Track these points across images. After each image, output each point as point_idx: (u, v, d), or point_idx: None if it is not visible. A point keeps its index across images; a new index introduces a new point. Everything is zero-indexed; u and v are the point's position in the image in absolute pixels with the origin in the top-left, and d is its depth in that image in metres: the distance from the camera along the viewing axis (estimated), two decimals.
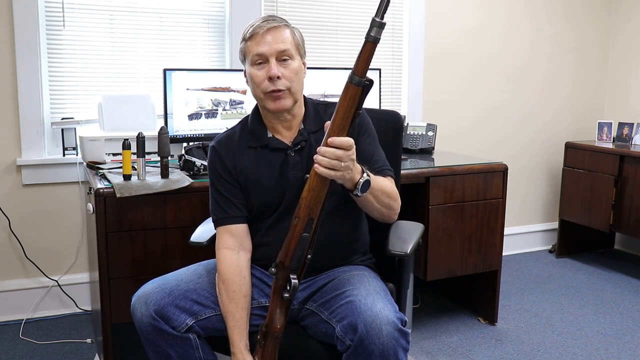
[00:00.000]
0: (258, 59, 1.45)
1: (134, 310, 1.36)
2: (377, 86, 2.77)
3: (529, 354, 2.38)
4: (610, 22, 3.83)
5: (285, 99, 1.46)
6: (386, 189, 1.44)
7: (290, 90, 1.46)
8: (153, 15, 2.68)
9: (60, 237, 2.64)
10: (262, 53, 1.44)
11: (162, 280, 1.40)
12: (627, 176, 3.17)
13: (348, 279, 1.43)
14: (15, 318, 2.57)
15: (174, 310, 1.34)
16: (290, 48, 1.46)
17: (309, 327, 1.45)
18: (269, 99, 1.46)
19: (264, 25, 1.45)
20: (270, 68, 1.43)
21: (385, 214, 1.48)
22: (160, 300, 1.34)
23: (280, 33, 1.45)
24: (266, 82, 1.44)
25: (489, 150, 3.38)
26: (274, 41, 1.44)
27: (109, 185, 1.92)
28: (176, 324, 1.34)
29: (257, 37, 1.44)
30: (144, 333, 1.35)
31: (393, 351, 1.24)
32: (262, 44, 1.44)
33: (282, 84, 1.44)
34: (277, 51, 1.44)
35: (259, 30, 1.44)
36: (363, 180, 1.32)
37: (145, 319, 1.34)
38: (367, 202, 1.41)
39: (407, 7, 3.17)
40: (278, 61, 1.44)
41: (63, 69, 2.57)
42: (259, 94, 1.48)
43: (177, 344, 1.35)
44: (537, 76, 3.63)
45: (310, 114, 1.54)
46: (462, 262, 2.47)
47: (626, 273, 3.37)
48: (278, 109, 1.47)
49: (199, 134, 2.41)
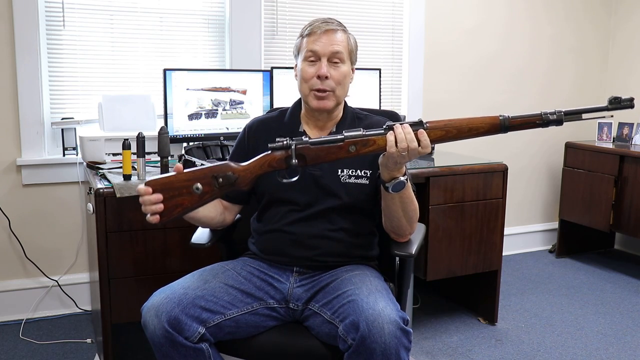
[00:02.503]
0: (311, 55, 1.52)
1: (145, 323, 1.35)
2: (377, 86, 2.77)
3: (529, 354, 2.38)
4: (610, 22, 3.83)
5: (328, 100, 1.52)
6: (415, 204, 1.49)
7: (334, 92, 1.52)
8: (153, 15, 2.68)
9: (60, 237, 2.64)
10: (316, 51, 1.51)
11: (169, 289, 1.39)
12: (627, 176, 3.17)
13: (350, 279, 1.44)
14: (15, 318, 2.57)
15: (185, 320, 1.33)
16: (343, 52, 1.52)
17: (312, 328, 1.45)
18: (313, 97, 1.52)
19: (323, 26, 1.52)
20: (320, 67, 1.50)
21: (402, 226, 1.50)
22: (170, 311, 1.33)
23: (337, 36, 1.52)
24: (314, 79, 1.50)
25: (489, 150, 3.38)
26: (329, 42, 1.51)
27: (109, 185, 1.92)
28: (189, 334, 1.34)
29: (314, 35, 1.52)
30: (157, 345, 1.34)
31: (395, 350, 1.24)
32: (318, 43, 1.51)
33: (328, 85, 1.50)
34: (330, 52, 1.51)
35: (317, 30, 1.52)
36: (399, 180, 1.37)
37: (158, 332, 1.32)
38: (393, 204, 1.44)
39: (407, 7, 3.17)
40: (329, 62, 1.51)
41: (63, 69, 2.57)
42: (305, 89, 1.54)
43: (190, 355, 1.35)
44: (537, 76, 3.64)
45: (347, 121, 1.60)
46: (462, 262, 2.47)
47: (626, 273, 3.37)
48: (319, 108, 1.53)
49: (199, 134, 2.41)
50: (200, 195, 1.31)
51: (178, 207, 1.31)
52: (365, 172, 1.55)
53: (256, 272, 1.53)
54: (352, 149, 1.34)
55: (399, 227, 1.51)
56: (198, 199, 1.32)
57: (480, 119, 1.36)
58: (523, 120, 1.33)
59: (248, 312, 1.45)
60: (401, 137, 1.30)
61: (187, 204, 1.31)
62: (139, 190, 1.30)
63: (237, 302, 1.44)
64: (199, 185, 1.31)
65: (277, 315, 1.50)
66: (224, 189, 1.34)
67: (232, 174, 1.34)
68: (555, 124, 1.31)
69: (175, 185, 1.31)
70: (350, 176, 1.54)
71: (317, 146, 1.35)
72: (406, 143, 1.29)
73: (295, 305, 1.49)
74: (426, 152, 1.31)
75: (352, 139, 1.34)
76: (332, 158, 1.36)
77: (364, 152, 1.34)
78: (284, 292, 1.51)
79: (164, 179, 1.31)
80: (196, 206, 1.33)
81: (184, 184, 1.31)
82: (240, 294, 1.46)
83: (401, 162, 1.34)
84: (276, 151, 1.36)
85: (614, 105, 1.27)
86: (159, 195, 1.29)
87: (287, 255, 1.54)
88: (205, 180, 1.32)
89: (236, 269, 1.52)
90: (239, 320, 1.43)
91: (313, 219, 1.53)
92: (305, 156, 1.35)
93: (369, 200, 1.56)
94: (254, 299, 1.47)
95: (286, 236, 1.53)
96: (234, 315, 1.42)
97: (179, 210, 1.31)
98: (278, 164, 1.36)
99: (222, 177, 1.33)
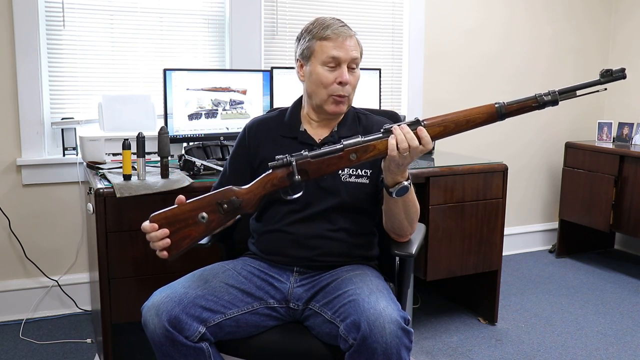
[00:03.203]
0: (332, 61, 1.50)
1: (146, 322, 1.35)
2: (377, 86, 2.77)
3: (529, 354, 2.38)
4: (610, 22, 3.83)
5: (344, 104, 1.54)
6: (416, 206, 1.49)
7: (349, 97, 1.54)
8: (153, 15, 2.68)
9: (60, 237, 2.64)
10: (339, 57, 1.49)
11: (169, 289, 1.39)
12: (627, 176, 3.17)
13: (350, 279, 1.44)
14: (15, 318, 2.57)
15: (186, 319, 1.33)
16: (359, 57, 1.53)
17: (312, 328, 1.45)
18: (331, 102, 1.52)
19: (343, 31, 1.50)
20: (342, 73, 1.49)
21: (403, 227, 1.51)
22: (171, 310, 1.33)
23: (354, 41, 1.53)
24: (335, 85, 1.50)
25: (489, 150, 3.38)
26: (350, 48, 1.50)
27: (109, 185, 1.92)
28: (189, 334, 1.34)
29: (334, 41, 1.50)
30: (157, 344, 1.34)
31: (396, 349, 1.24)
32: (341, 49, 1.49)
33: (347, 91, 1.52)
34: (351, 58, 1.51)
35: (337, 36, 1.49)
36: (403, 185, 1.37)
37: (158, 331, 1.32)
38: (396, 207, 1.44)
39: (407, 7, 3.17)
40: (349, 68, 1.51)
41: (63, 69, 2.57)
42: (322, 95, 1.52)
43: (191, 354, 1.35)
44: (537, 76, 3.64)
45: (348, 121, 1.60)
46: (462, 262, 2.47)
47: (626, 273, 3.37)
48: (336, 112, 1.54)
49: (199, 134, 2.41)
50: (207, 224, 1.32)
51: (186, 238, 1.32)
52: (366, 171, 1.55)
53: (256, 272, 1.53)
54: (352, 157, 1.34)
55: (400, 228, 1.51)
56: (205, 228, 1.32)
57: (476, 110, 1.35)
58: (519, 105, 1.34)
59: (248, 312, 1.45)
60: (401, 138, 1.30)
61: (194, 235, 1.32)
62: (145, 227, 1.31)
63: (238, 301, 1.44)
64: (204, 214, 1.32)
65: (278, 315, 1.50)
66: (230, 214, 1.35)
67: (236, 199, 1.35)
68: (551, 104, 1.32)
69: (180, 217, 1.32)
70: (351, 175, 1.54)
71: (317, 159, 1.35)
72: (407, 143, 1.29)
73: (296, 305, 1.49)
74: (428, 148, 1.31)
75: (352, 147, 1.34)
76: (334, 169, 1.36)
77: (365, 158, 1.35)
78: (284, 292, 1.51)
79: (167, 212, 1.32)
80: (204, 235, 1.34)
81: (189, 215, 1.32)
82: (240, 293, 1.46)
83: (404, 164, 1.33)
84: (277, 169, 1.37)
85: (607, 77, 1.30)
86: (165, 230, 1.31)
87: (287, 256, 1.54)
88: (210, 208, 1.33)
89: (236, 269, 1.52)
90: (239, 319, 1.43)
91: (313, 219, 1.53)
92: (307, 171, 1.35)
93: (369, 199, 1.56)
94: (254, 298, 1.47)
95: (286, 236, 1.53)
96: (235, 315, 1.42)
97: (187, 242, 1.32)
98: (281, 182, 1.36)
99: (226, 202, 1.34)
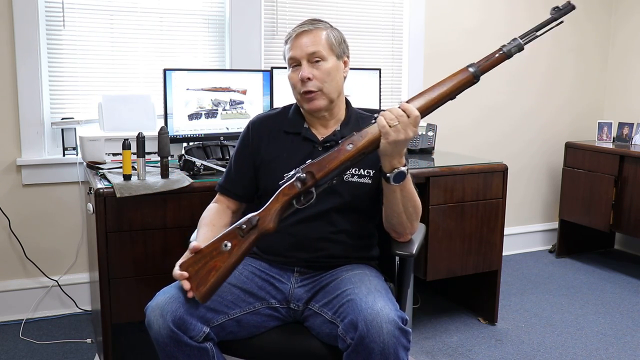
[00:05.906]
0: (292, 62, 1.55)
1: (150, 323, 1.35)
2: (377, 86, 2.77)
3: (529, 354, 2.38)
4: (610, 22, 3.83)
5: (318, 100, 1.53)
6: (416, 202, 1.47)
7: (322, 90, 1.53)
8: (153, 15, 2.68)
9: (60, 237, 2.64)
10: (294, 57, 1.53)
11: (173, 289, 1.38)
12: (627, 176, 3.17)
13: (350, 278, 1.44)
14: (15, 318, 2.57)
15: (190, 320, 1.33)
16: (320, 50, 1.52)
17: (312, 328, 1.45)
18: (304, 100, 1.54)
19: (296, 30, 1.54)
20: (301, 70, 1.51)
21: (402, 224, 1.49)
22: (175, 310, 1.33)
23: (312, 36, 1.52)
24: (299, 84, 1.52)
25: (488, 150, 3.38)
26: (305, 44, 1.51)
27: (109, 185, 1.92)
28: (193, 334, 1.34)
29: (292, 42, 1.54)
30: (161, 345, 1.34)
31: (394, 349, 1.24)
32: (295, 48, 1.53)
33: (313, 85, 1.51)
34: (307, 54, 1.51)
35: (292, 34, 1.54)
36: (400, 170, 1.36)
37: (163, 331, 1.32)
38: (394, 197, 1.43)
39: (407, 7, 3.17)
40: (310, 63, 1.52)
41: (63, 69, 2.57)
42: (295, 95, 1.57)
43: (195, 354, 1.35)
44: (537, 76, 3.64)
45: (350, 121, 1.61)
46: (462, 262, 2.47)
47: (626, 273, 3.37)
48: (312, 109, 1.54)
49: (199, 134, 2.41)
50: (229, 250, 1.34)
51: (212, 271, 1.33)
52: (369, 171, 1.55)
53: (257, 272, 1.54)
54: (349, 147, 1.35)
55: (399, 224, 1.49)
56: (227, 255, 1.34)
57: (452, 77, 1.38)
58: (490, 63, 1.42)
59: (250, 312, 1.45)
60: (389, 115, 1.32)
61: (219, 265, 1.33)
62: (176, 275, 1.35)
63: (240, 301, 1.45)
64: (227, 242, 1.35)
65: (279, 316, 1.50)
66: (250, 235, 1.35)
67: (253, 217, 1.36)
68: (516, 50, 1.40)
69: (205, 253, 1.35)
70: (354, 175, 1.55)
71: (319, 158, 1.37)
72: (396, 119, 1.31)
73: (296, 305, 1.50)
74: (416, 120, 1.31)
75: (347, 138, 1.37)
76: (336, 163, 1.36)
77: (362, 146, 1.35)
78: (285, 292, 1.51)
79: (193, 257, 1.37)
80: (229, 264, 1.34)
81: (214, 247, 1.35)
82: (242, 293, 1.46)
83: (398, 142, 1.32)
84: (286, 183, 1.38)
85: (557, 12, 1.37)
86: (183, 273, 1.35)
87: (288, 257, 1.54)
88: (231, 236, 1.35)
89: (238, 269, 1.52)
90: (241, 320, 1.43)
91: (314, 220, 1.52)
92: (312, 172, 1.36)
93: (370, 200, 1.56)
94: (256, 298, 1.48)
95: (287, 238, 1.53)
96: (237, 315, 1.43)
97: (213, 274, 1.33)
98: (291, 189, 1.37)
99: (244, 223, 1.35)
